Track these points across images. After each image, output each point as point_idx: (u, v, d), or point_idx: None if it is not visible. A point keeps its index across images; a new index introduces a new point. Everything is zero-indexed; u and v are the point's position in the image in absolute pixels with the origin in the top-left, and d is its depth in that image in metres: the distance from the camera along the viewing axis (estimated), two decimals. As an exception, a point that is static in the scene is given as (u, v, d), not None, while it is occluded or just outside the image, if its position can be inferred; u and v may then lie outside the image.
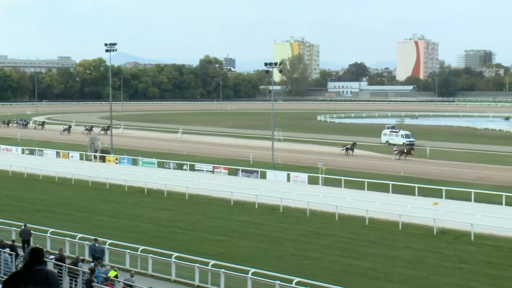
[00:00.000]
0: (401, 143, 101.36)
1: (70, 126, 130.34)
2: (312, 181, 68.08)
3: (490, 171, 78.16)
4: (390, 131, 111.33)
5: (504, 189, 60.25)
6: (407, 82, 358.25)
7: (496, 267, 37.89)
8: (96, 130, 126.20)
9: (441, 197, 57.77)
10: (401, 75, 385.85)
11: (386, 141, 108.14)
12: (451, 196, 58.50)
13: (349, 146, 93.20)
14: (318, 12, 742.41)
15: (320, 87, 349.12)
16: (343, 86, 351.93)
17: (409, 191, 60.90)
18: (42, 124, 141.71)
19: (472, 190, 58.85)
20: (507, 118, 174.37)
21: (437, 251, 41.40)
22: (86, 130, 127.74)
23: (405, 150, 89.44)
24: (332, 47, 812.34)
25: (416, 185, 61.86)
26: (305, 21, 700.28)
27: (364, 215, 49.87)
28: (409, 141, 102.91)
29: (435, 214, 48.51)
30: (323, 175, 67.57)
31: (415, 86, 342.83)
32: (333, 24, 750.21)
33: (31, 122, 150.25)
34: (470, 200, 57.04)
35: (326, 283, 30.87)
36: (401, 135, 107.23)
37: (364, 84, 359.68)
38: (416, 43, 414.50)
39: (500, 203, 55.84)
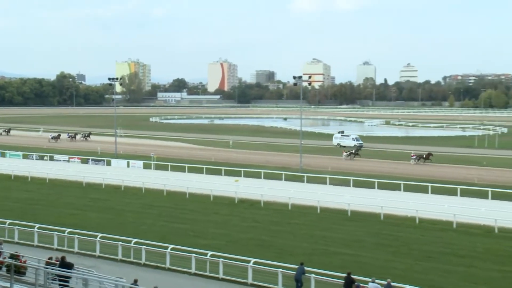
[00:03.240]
0: (352, 145, 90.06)
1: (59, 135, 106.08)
2: (147, 166, 67.54)
3: (274, 156, 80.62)
4: (341, 135, 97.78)
5: (283, 169, 62.83)
6: (216, 92, 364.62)
7: (277, 224, 39.33)
8: None
9: (241, 176, 59.28)
10: (211, 88, 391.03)
11: (338, 143, 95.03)
12: (247, 175, 60.05)
13: (353, 151, 79.38)
14: (150, 37, 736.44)
15: (152, 96, 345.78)
16: (169, 96, 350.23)
17: (218, 173, 61.90)
18: None
19: (262, 170, 60.83)
20: (285, 119, 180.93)
21: (238, 215, 42.34)
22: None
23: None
24: (160, 66, 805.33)
25: (223, 168, 63.01)
26: (140, 44, 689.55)
27: (185, 191, 50.20)
28: (359, 144, 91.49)
29: (236, 188, 49.83)
30: (155, 162, 67.53)
31: (221, 95, 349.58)
32: (162, 48, 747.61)
33: None
34: (260, 178, 58.87)
35: (157, 241, 30.98)
36: (352, 138, 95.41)
37: (184, 94, 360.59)
38: (222, 64, 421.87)
39: (280, 179, 58.14)
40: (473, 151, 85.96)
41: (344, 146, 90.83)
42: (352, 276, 24.31)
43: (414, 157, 73.68)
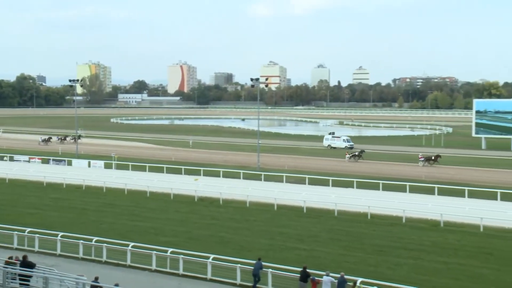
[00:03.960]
0: (343, 147, 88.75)
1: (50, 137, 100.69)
2: (108, 166, 66.60)
3: (232, 156, 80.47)
4: (332, 137, 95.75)
5: (242, 168, 62.81)
6: (176, 94, 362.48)
7: (236, 221, 39.33)
8: None
9: (200, 175, 59.06)
10: (171, 89, 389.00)
11: (328, 145, 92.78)
12: (207, 174, 59.83)
13: (356, 153, 76.03)
14: (111, 40, 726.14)
15: (113, 98, 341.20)
16: (129, 97, 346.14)
17: (178, 172, 61.55)
18: None
19: (221, 169, 60.76)
20: (243, 119, 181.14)
21: (197, 213, 42.10)
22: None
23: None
24: (121, 68, 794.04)
25: (183, 167, 62.67)
26: (101, 47, 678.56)
27: (146, 190, 49.72)
28: (350, 145, 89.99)
29: (196, 187, 49.60)
30: (116, 162, 66.65)
31: (181, 97, 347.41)
32: (122, 50, 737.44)
33: None
34: (219, 176, 58.74)
35: (118, 239, 30.64)
36: (343, 139, 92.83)
37: (145, 96, 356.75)
38: (181, 66, 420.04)
39: (239, 178, 58.11)
40: (421, 150, 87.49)
41: (335, 148, 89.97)
42: (308, 270, 24.54)
43: (422, 159, 70.64)
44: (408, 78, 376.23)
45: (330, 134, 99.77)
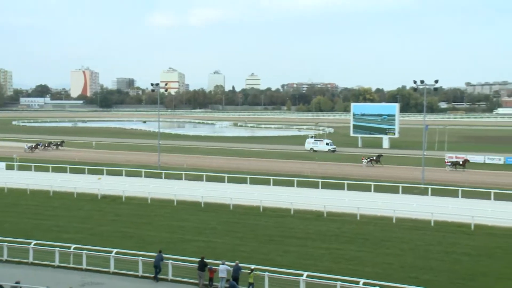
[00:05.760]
0: (326, 150, 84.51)
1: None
2: (9, 167, 62.85)
3: (134, 156, 78.97)
4: (314, 140, 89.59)
5: (143, 167, 61.75)
6: (79, 98, 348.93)
7: (138, 216, 38.43)
8: None
9: (103, 174, 57.37)
10: (74, 93, 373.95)
11: (311, 148, 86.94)
12: (110, 173, 58.19)
13: (374, 158, 69.61)
14: (12, 45, 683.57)
15: (14, 101, 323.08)
16: (32, 101, 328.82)
17: (81, 172, 59.31)
18: None
19: (123, 169, 59.36)
20: (144, 122, 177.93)
21: (101, 210, 40.90)
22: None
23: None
24: (24, 72, 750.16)
25: (86, 167, 60.54)
26: (1, 51, 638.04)
27: (49, 189, 47.52)
28: (332, 148, 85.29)
29: (99, 186, 48.12)
30: (18, 163, 63.18)
31: (84, 101, 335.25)
32: (25, 55, 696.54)
33: None
34: (122, 175, 57.30)
35: (21, 238, 29.04)
36: (325, 143, 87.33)
37: (48, 99, 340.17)
38: (84, 72, 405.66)
39: (141, 176, 56.95)
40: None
41: (316, 151, 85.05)
42: (205, 260, 24.61)
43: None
44: (295, 84, 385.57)
45: (312, 137, 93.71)
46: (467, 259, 28.24)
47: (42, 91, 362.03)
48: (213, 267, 24.41)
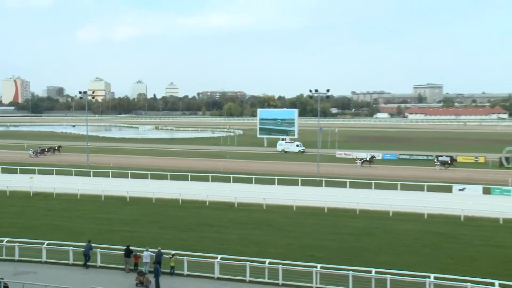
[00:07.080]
0: (296, 151, 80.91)
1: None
2: None
3: (65, 156, 75.76)
4: (286, 142, 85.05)
5: (73, 167, 59.21)
6: (11, 104, 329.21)
7: (68, 210, 37.00)
8: None
9: (35, 173, 54.42)
10: (6, 100, 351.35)
11: (282, 149, 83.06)
12: (41, 172, 55.41)
13: (367, 159, 66.14)
14: None
15: None
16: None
17: (14, 172, 55.94)
18: None
19: (54, 168, 56.77)
20: (74, 126, 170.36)
21: (33, 206, 38.89)
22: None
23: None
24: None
25: (18, 167, 57.09)
26: None
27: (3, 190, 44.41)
28: (302, 149, 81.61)
29: (31, 184, 45.64)
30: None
31: (16, 107, 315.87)
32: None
33: None
34: (53, 174, 54.66)
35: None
36: (296, 144, 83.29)
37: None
38: (15, 80, 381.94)
39: (71, 175, 54.65)
40: (220, 148, 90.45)
41: (287, 152, 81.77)
42: (131, 247, 24.18)
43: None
44: (209, 92, 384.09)
45: (283, 139, 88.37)
46: (352, 238, 29.69)
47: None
48: (138, 253, 24.06)
